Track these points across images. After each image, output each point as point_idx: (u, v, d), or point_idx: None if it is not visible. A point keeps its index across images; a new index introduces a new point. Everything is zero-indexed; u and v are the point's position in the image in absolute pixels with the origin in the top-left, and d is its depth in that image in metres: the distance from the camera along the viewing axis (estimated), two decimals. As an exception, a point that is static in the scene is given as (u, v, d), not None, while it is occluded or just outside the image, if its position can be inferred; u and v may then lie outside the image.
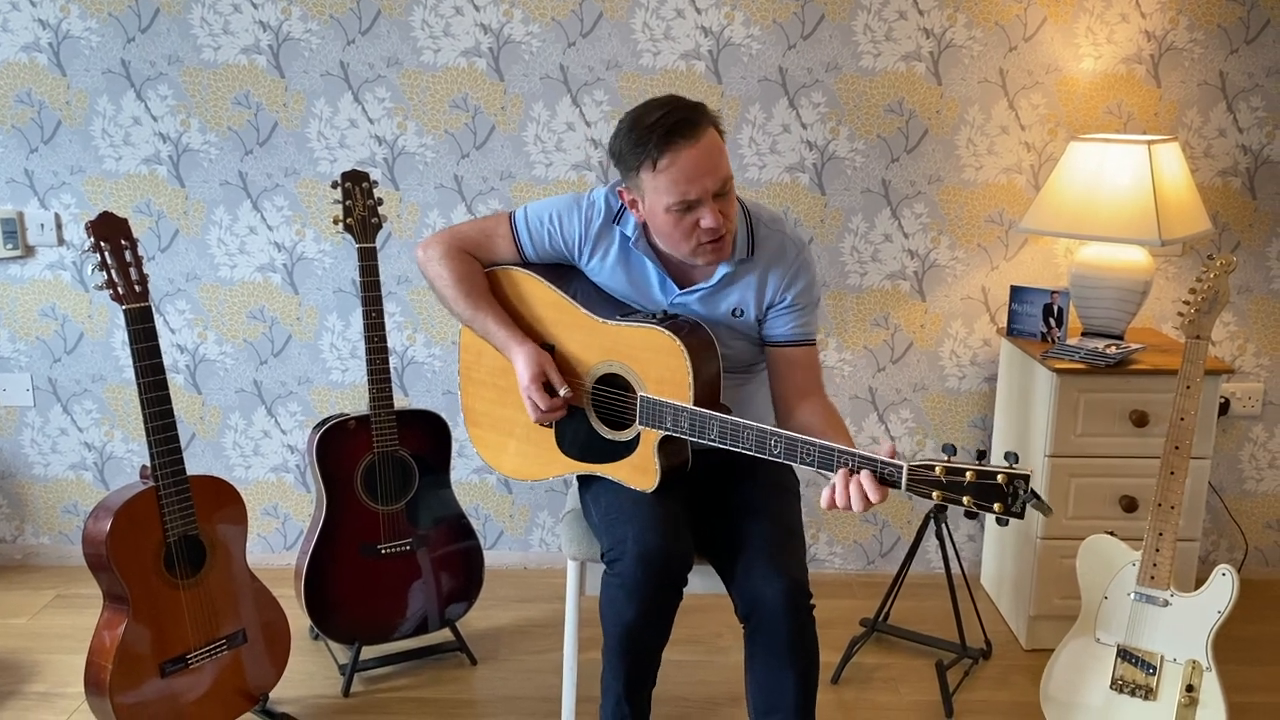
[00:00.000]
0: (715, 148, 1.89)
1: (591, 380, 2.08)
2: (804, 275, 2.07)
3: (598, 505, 2.10)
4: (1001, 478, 1.61)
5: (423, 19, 2.89)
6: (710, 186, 1.88)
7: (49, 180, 2.99)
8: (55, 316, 3.09)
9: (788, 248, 2.07)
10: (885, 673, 2.71)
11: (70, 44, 2.90)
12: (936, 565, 3.18)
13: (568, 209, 2.12)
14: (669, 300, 2.09)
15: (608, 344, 2.05)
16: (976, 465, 1.64)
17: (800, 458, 1.79)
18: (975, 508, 1.64)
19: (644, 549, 1.92)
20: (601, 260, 2.12)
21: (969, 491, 1.64)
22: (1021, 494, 1.61)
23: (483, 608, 2.91)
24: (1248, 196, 2.99)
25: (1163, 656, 2.21)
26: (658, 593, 1.95)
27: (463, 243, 2.18)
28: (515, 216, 2.17)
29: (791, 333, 2.08)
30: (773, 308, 2.07)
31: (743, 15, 2.88)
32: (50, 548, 3.26)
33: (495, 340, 2.14)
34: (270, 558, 3.24)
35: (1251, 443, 3.15)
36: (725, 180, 1.91)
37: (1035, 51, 2.91)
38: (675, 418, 1.93)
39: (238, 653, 2.29)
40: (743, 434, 1.85)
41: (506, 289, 2.20)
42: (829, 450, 1.76)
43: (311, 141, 2.97)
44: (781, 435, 1.81)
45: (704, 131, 1.87)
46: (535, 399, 2.04)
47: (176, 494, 2.14)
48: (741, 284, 2.06)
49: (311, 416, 3.16)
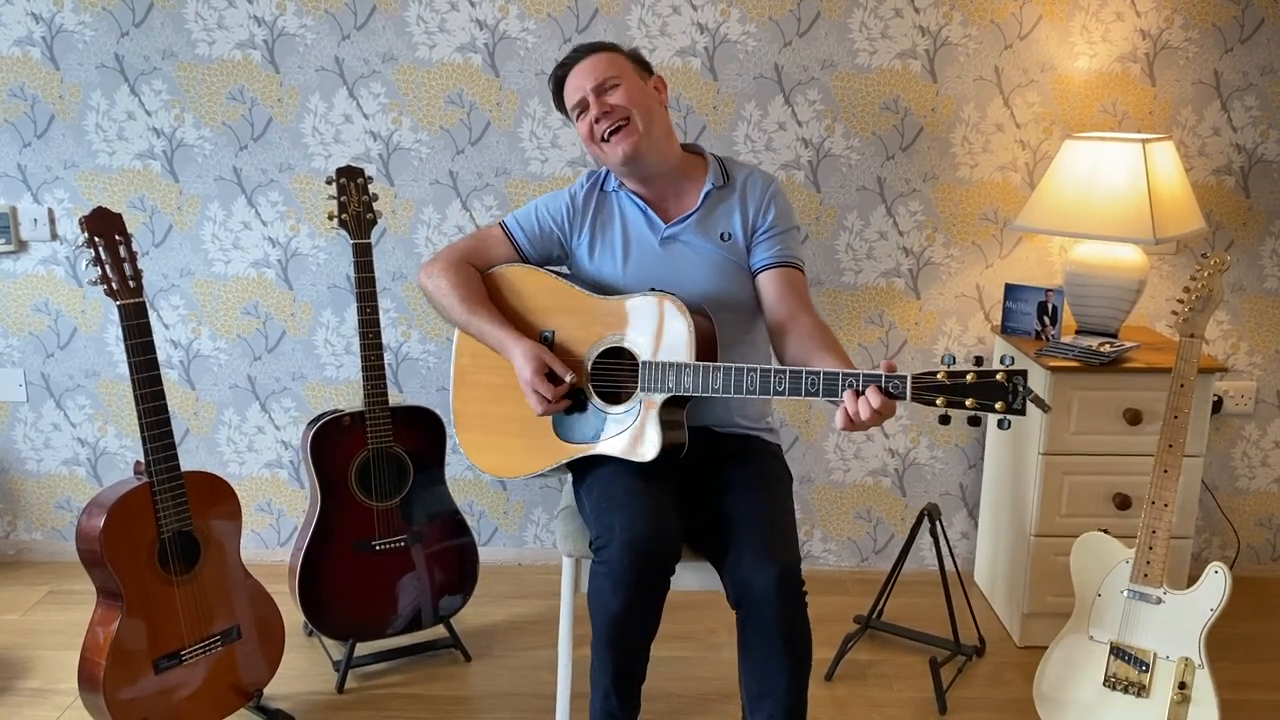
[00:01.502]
0: (600, 61, 2.15)
1: (593, 357, 2.11)
2: (779, 199, 2.22)
3: (590, 496, 2.11)
4: (1001, 375, 1.70)
5: (418, 14, 2.88)
6: (588, 85, 2.12)
7: (42, 175, 2.98)
8: (48, 312, 3.08)
9: (758, 176, 2.24)
10: (879, 669, 2.72)
11: (64, 38, 2.89)
12: (930, 562, 3.19)
13: (553, 198, 2.28)
14: (659, 236, 2.19)
15: (608, 318, 2.10)
16: (976, 368, 1.72)
17: (805, 389, 1.85)
18: (979, 408, 1.72)
19: (631, 536, 1.93)
20: (594, 227, 2.23)
21: (971, 392, 1.71)
22: (1021, 389, 1.69)
23: (477, 604, 2.91)
24: (1241, 195, 3.00)
25: (1155, 654, 2.22)
26: (644, 582, 1.95)
27: (460, 253, 2.27)
28: (506, 220, 2.29)
29: (775, 255, 2.17)
30: (756, 232, 2.19)
31: (738, 12, 2.88)
32: (43, 543, 3.26)
33: (491, 340, 2.16)
34: (264, 554, 3.23)
35: (1244, 441, 3.16)
36: (604, 78, 2.12)
37: (1030, 50, 2.92)
38: (679, 376, 1.98)
39: (232, 649, 2.29)
40: (746, 377, 1.91)
41: (504, 286, 2.23)
42: (833, 376, 1.82)
43: (306, 137, 2.97)
44: (785, 371, 1.87)
45: (590, 55, 2.15)
46: (540, 390, 2.06)
47: (170, 490, 2.14)
48: (723, 208, 2.20)
49: (306, 412, 3.15)
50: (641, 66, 2.21)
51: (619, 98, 2.12)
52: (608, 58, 2.15)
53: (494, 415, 2.23)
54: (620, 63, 2.16)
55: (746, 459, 2.18)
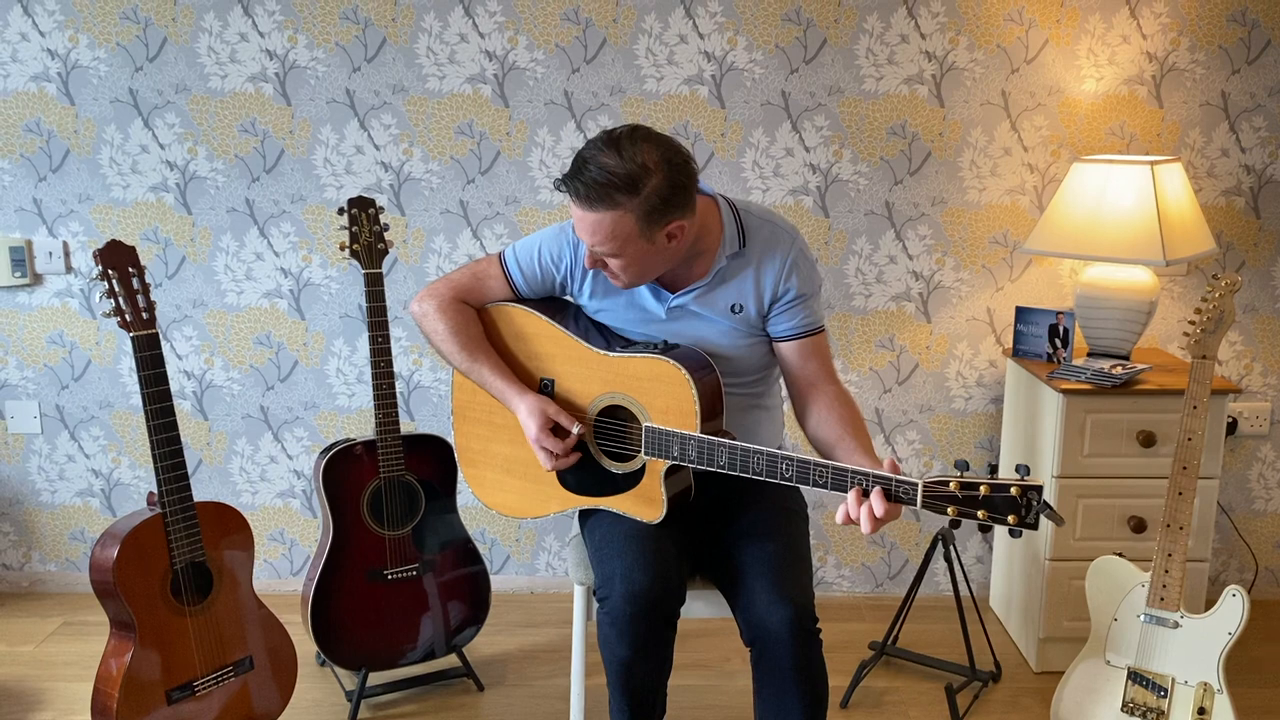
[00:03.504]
0: (602, 227, 1.87)
1: (593, 413, 2.07)
2: (802, 263, 2.04)
3: (592, 539, 2.09)
4: (1015, 490, 1.63)
5: (427, 46, 2.91)
6: (584, 238, 1.92)
7: (57, 208, 3.01)
8: (63, 344, 3.10)
9: (780, 236, 2.04)
10: (895, 696, 2.70)
11: (79, 73, 2.93)
12: (945, 588, 3.17)
13: (554, 238, 2.13)
14: (665, 306, 2.07)
15: (609, 376, 2.04)
16: (989, 479, 1.66)
17: (813, 480, 1.79)
18: (990, 521, 1.65)
19: (631, 587, 1.91)
20: (594, 281, 2.11)
21: (983, 505, 1.65)
22: (1035, 505, 1.63)
23: (489, 633, 2.90)
24: (1252, 216, 3.00)
25: (1174, 679, 2.20)
26: (648, 630, 1.93)
27: (455, 290, 2.17)
28: (505, 255, 2.18)
29: (799, 325, 2.06)
30: (776, 303, 2.05)
31: (745, 40, 2.90)
32: (57, 575, 3.26)
33: (493, 390, 2.12)
34: (277, 583, 3.23)
35: (1260, 462, 3.14)
36: (601, 248, 1.91)
37: (1037, 73, 2.92)
38: (683, 446, 1.92)
39: (244, 680, 2.28)
40: (753, 459, 1.85)
41: (502, 327, 2.18)
42: (842, 472, 1.76)
43: (318, 168, 2.99)
44: (793, 459, 1.80)
45: (595, 212, 1.87)
46: (548, 447, 2.02)
47: (183, 521, 2.14)
48: (737, 280, 2.04)
49: (318, 442, 3.16)
50: (657, 216, 1.88)
51: (616, 268, 1.96)
52: (611, 225, 1.87)
53: (497, 454, 2.22)
54: (624, 229, 1.87)
55: (760, 492, 2.11)
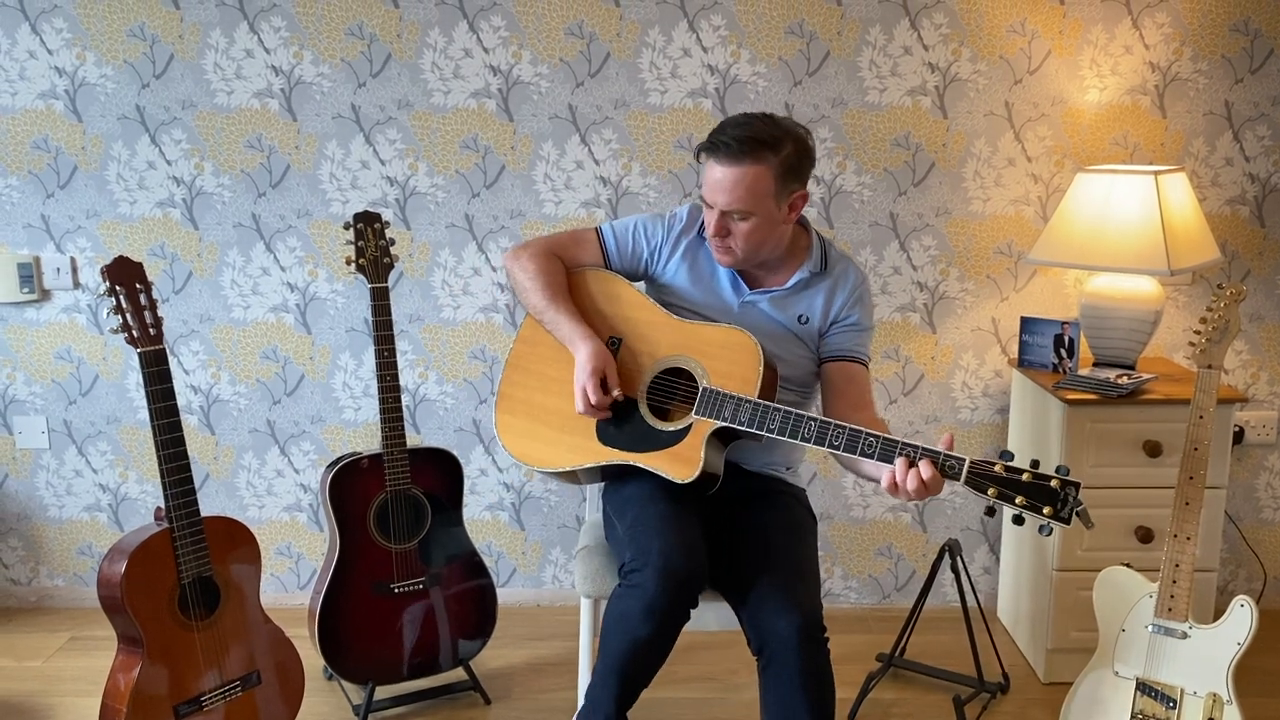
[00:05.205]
0: (745, 180, 2.02)
1: (656, 370, 2.14)
2: (866, 299, 2.24)
3: (623, 518, 2.11)
4: (1056, 482, 1.73)
5: (432, 61, 2.93)
6: (719, 200, 2.06)
7: (65, 225, 3.03)
8: (70, 359, 3.12)
9: (853, 273, 2.24)
10: (902, 708, 2.69)
11: (86, 91, 2.95)
12: (952, 599, 3.16)
13: (652, 220, 2.30)
14: (740, 299, 2.21)
15: (678, 340, 2.13)
16: (1033, 469, 1.75)
17: (862, 450, 1.87)
18: (1027, 507, 1.74)
19: (668, 564, 1.93)
20: (680, 261, 2.25)
21: (1024, 491, 1.74)
22: (1071, 500, 1.72)
23: (496, 646, 2.90)
24: (1256, 225, 3.00)
25: (1182, 689, 2.19)
26: (674, 610, 1.96)
27: (551, 245, 2.31)
28: (602, 228, 2.32)
29: (850, 347, 2.20)
30: (836, 323, 2.21)
31: (749, 53, 2.91)
32: (65, 590, 3.27)
33: (562, 331, 2.20)
34: (284, 597, 3.23)
35: (1268, 471, 3.13)
36: (736, 209, 2.05)
37: (1040, 84, 2.93)
38: (737, 408, 1.99)
39: (252, 694, 2.28)
40: (804, 425, 1.93)
41: (591, 284, 2.29)
42: (891, 442, 1.84)
43: (324, 183, 3.00)
44: (845, 427, 1.89)
45: (739, 165, 2.02)
46: (589, 390, 2.09)
47: (190, 535, 2.15)
48: (811, 293, 2.21)
49: (324, 455, 3.17)
50: (790, 178, 2.06)
51: (738, 234, 2.09)
52: (752, 180, 2.03)
53: (539, 405, 2.26)
54: (763, 186, 2.03)
55: (772, 502, 2.17)
